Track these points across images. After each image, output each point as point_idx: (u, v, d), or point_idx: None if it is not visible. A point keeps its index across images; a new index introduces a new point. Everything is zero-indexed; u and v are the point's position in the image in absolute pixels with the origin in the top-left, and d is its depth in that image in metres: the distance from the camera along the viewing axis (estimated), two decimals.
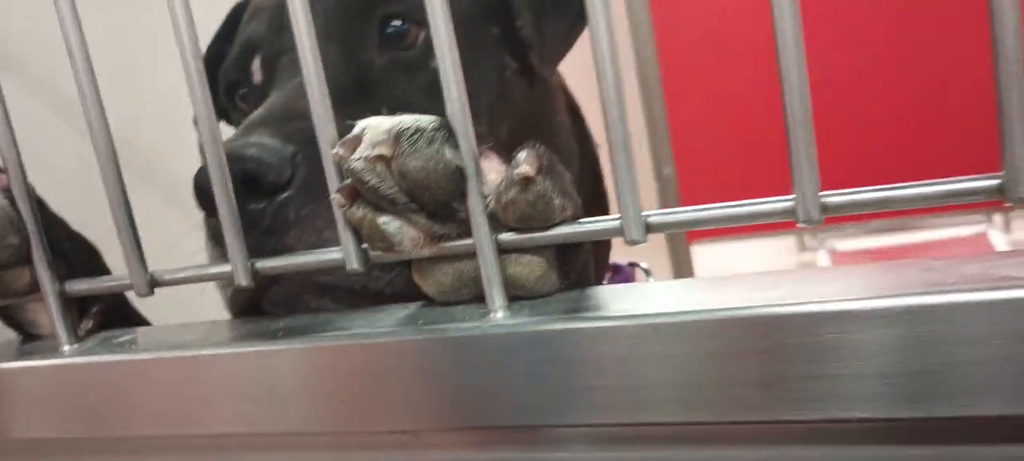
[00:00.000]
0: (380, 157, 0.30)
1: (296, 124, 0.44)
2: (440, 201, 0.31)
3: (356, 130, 0.32)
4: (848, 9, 2.00)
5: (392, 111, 0.33)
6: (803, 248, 2.68)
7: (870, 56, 1.98)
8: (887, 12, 1.98)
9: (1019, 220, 2.50)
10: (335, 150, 0.32)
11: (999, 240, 2.38)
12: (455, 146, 0.31)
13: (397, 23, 0.50)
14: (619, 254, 0.67)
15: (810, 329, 0.26)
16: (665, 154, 2.02)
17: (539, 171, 0.30)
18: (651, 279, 0.68)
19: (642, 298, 0.31)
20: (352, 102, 0.48)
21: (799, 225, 0.27)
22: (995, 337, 0.24)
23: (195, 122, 0.68)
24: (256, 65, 0.55)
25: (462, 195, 0.31)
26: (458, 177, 0.31)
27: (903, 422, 0.26)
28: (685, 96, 1.99)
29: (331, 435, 0.36)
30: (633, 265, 0.69)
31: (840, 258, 2.53)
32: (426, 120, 0.31)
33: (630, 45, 1.98)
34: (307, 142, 0.43)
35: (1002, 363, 0.24)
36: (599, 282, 0.61)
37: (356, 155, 0.31)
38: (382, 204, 0.31)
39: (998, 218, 2.48)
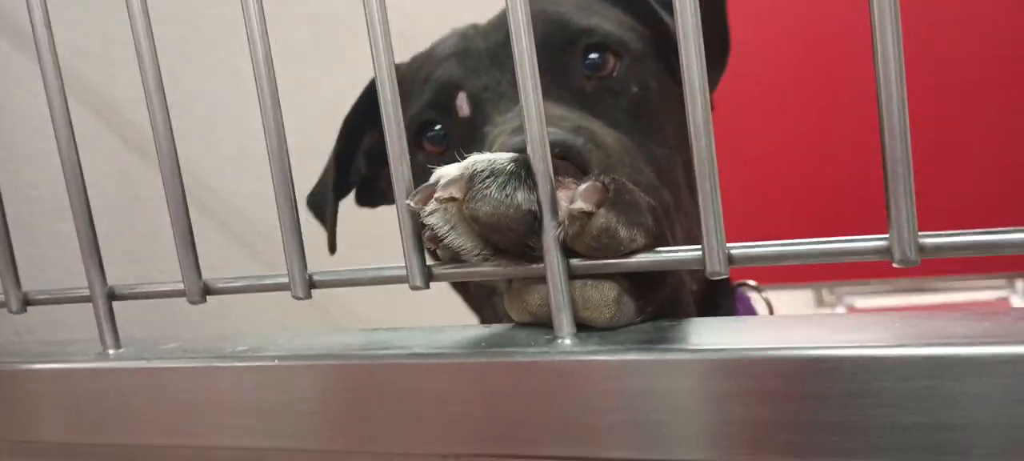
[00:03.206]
0: (451, 199, 0.31)
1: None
2: (513, 240, 0.31)
3: (433, 178, 0.32)
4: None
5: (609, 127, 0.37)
6: (821, 302, 2.65)
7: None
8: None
9: None
10: (408, 201, 0.32)
11: (1021, 306, 2.35)
12: (530, 186, 0.30)
13: (595, 55, 0.55)
14: None
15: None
16: None
17: (600, 204, 0.30)
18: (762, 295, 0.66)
19: (724, 332, 0.30)
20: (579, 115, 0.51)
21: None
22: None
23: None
24: (462, 101, 0.57)
25: (538, 231, 0.31)
26: (531, 218, 0.30)
27: None
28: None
29: (370, 455, 0.35)
30: (741, 284, 0.68)
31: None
32: (503, 159, 0.31)
33: None
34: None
35: None
36: (733, 311, 0.63)
37: (429, 207, 0.31)
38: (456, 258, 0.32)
39: (1020, 284, 2.45)
